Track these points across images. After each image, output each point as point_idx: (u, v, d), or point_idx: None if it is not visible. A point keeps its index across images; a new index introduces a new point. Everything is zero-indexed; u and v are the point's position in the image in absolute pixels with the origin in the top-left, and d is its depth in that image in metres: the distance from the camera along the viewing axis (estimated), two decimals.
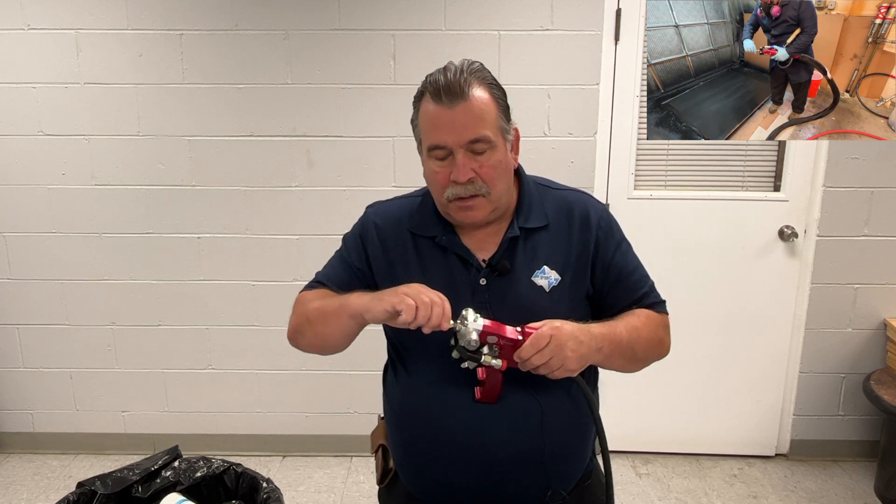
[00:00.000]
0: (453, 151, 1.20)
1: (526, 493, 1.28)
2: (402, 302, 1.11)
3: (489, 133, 1.20)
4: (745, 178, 2.63)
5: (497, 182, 1.24)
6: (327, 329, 1.27)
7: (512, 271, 1.27)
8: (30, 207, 2.64)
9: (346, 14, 2.46)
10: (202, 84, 2.53)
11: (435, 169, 1.24)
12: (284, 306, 2.66)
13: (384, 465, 1.42)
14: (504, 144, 1.24)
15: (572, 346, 1.15)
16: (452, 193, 1.23)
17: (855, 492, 2.58)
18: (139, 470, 1.27)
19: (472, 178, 1.21)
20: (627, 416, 2.76)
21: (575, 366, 1.17)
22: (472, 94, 1.19)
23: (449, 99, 1.18)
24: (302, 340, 1.33)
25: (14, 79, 2.53)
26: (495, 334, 1.15)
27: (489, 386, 1.22)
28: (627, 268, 1.34)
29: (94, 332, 2.75)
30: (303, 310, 1.31)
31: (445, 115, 1.19)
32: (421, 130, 1.26)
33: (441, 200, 1.26)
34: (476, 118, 1.19)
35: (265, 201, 2.62)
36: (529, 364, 1.15)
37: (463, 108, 1.18)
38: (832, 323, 2.66)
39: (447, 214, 1.29)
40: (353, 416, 2.81)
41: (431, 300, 1.12)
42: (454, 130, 1.19)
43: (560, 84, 2.49)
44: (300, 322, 1.31)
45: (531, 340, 1.14)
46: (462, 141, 1.19)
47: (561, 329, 1.16)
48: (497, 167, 1.23)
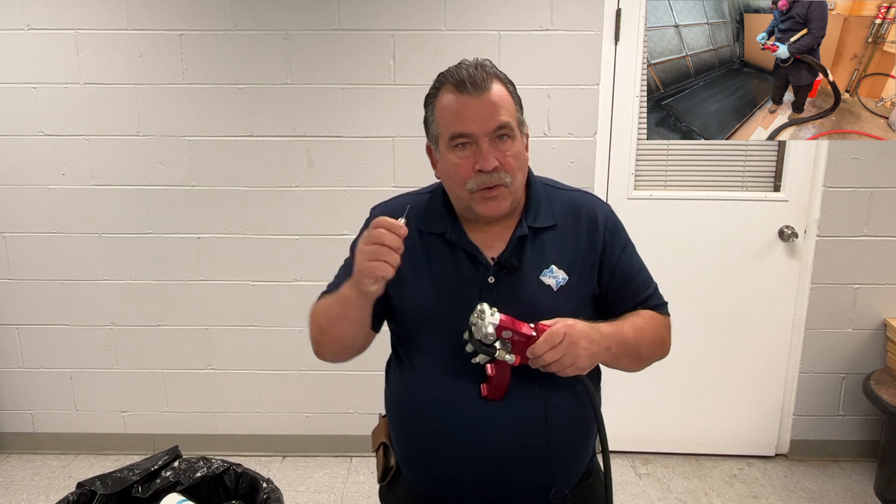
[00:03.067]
0: (478, 140, 1.21)
1: (529, 490, 1.29)
2: (372, 271, 1.12)
3: (511, 121, 1.23)
4: (745, 178, 2.63)
5: (518, 172, 1.25)
6: (342, 328, 1.27)
7: (520, 270, 1.28)
8: (30, 207, 2.64)
9: (346, 14, 2.46)
10: (202, 84, 2.53)
11: (456, 161, 1.24)
12: (284, 306, 2.70)
13: (385, 463, 1.42)
14: (521, 137, 1.27)
15: (584, 345, 1.17)
16: (476, 184, 1.23)
17: (855, 492, 2.58)
18: (139, 470, 1.27)
19: (496, 167, 1.22)
20: (627, 416, 2.75)
21: (586, 364, 1.18)
22: (494, 87, 1.22)
23: (474, 88, 1.21)
24: (325, 350, 1.33)
25: (14, 79, 2.53)
26: (510, 329, 1.15)
27: (497, 382, 1.22)
28: (633, 269, 1.36)
29: (94, 333, 2.75)
30: (314, 321, 1.32)
31: (471, 103, 1.21)
32: (440, 123, 1.26)
33: (462, 194, 1.26)
34: (500, 107, 1.22)
35: (265, 201, 2.62)
36: (542, 361, 1.16)
37: (487, 98, 1.21)
38: (832, 323, 2.66)
39: (467, 209, 1.28)
40: (353, 416, 2.80)
41: (375, 245, 1.12)
42: (480, 118, 1.21)
43: (560, 84, 2.49)
44: (316, 333, 1.32)
45: (545, 337, 1.15)
46: (488, 129, 1.21)
47: (574, 327, 1.17)
48: (518, 157, 1.24)
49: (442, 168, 1.29)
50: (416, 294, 1.29)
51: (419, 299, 1.29)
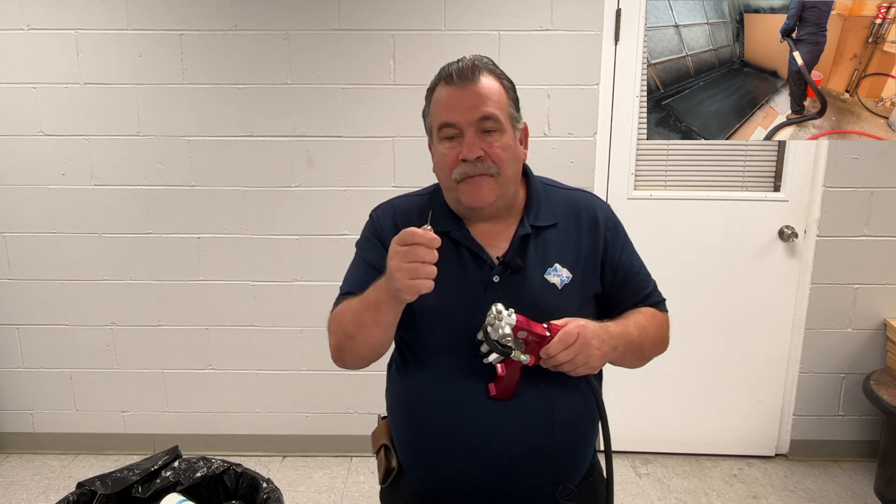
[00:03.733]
0: (463, 130, 1.22)
1: (534, 490, 1.29)
2: (416, 289, 1.09)
3: (498, 113, 1.23)
4: (744, 178, 2.63)
5: (506, 165, 1.25)
6: (371, 333, 1.22)
7: (524, 269, 1.28)
8: (30, 207, 2.64)
9: (346, 14, 2.46)
10: (202, 84, 2.53)
11: (444, 151, 1.25)
12: (284, 306, 2.70)
13: (387, 465, 1.42)
14: (513, 132, 1.27)
15: (596, 344, 1.18)
16: (461, 173, 1.23)
17: (855, 492, 2.58)
18: (139, 470, 1.27)
19: (480, 157, 1.22)
20: (627, 416, 2.75)
21: (598, 364, 1.19)
22: (482, 78, 1.23)
23: (461, 80, 1.22)
24: (348, 357, 1.28)
25: (14, 79, 2.53)
26: (526, 329, 1.16)
27: (506, 382, 1.22)
28: (633, 268, 1.37)
29: (94, 333, 2.75)
30: (338, 328, 1.27)
31: (456, 94, 1.23)
32: (432, 116, 1.28)
33: (449, 184, 1.26)
34: (485, 97, 1.22)
35: (265, 201, 2.62)
36: (555, 361, 1.16)
37: (473, 89, 1.22)
38: (832, 323, 2.66)
39: (456, 201, 1.28)
40: (353, 416, 2.80)
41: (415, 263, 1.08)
42: (464, 109, 1.22)
43: (560, 84, 2.49)
44: (341, 339, 1.27)
45: (560, 337, 1.16)
46: (471, 119, 1.22)
47: (586, 327, 1.18)
48: (506, 150, 1.24)
49: (434, 162, 1.30)
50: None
51: (424, 298, 1.28)
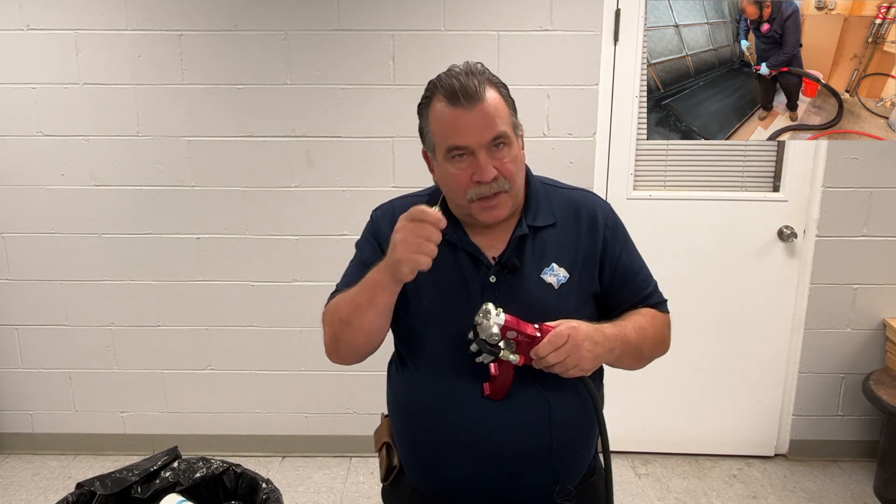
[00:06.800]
0: (475, 152, 1.21)
1: (533, 489, 1.29)
2: (415, 262, 1.12)
3: (507, 129, 1.22)
4: (744, 178, 2.63)
5: (517, 177, 1.25)
6: (367, 317, 1.22)
7: (521, 269, 1.28)
8: (29, 208, 2.63)
9: (346, 14, 2.46)
10: (201, 84, 2.52)
11: (454, 171, 1.23)
12: (284, 306, 2.69)
13: (388, 463, 1.42)
14: (517, 140, 1.27)
15: (588, 347, 1.17)
16: (476, 193, 1.23)
17: (854, 492, 2.58)
18: (138, 470, 1.27)
19: (495, 177, 1.22)
20: (627, 417, 2.75)
21: (589, 366, 1.19)
22: (487, 95, 1.21)
23: (467, 100, 1.19)
24: (344, 347, 1.28)
25: (13, 79, 2.53)
26: (515, 329, 1.16)
27: (500, 382, 1.22)
28: (633, 268, 1.36)
29: (94, 333, 2.75)
30: (333, 316, 1.28)
31: (465, 116, 1.20)
32: (435, 136, 1.25)
33: (461, 203, 1.26)
34: (494, 117, 1.21)
35: (265, 201, 2.62)
36: (545, 362, 1.16)
37: (481, 109, 1.20)
38: (831, 323, 2.66)
39: (467, 216, 1.29)
40: (353, 416, 2.80)
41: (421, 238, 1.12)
42: (476, 131, 1.20)
43: (559, 84, 2.49)
44: (335, 330, 1.27)
45: (549, 338, 1.16)
46: (484, 141, 1.20)
47: (578, 329, 1.17)
48: (515, 162, 1.25)
49: (440, 177, 1.29)
50: (418, 294, 1.29)
51: (422, 299, 1.29)
